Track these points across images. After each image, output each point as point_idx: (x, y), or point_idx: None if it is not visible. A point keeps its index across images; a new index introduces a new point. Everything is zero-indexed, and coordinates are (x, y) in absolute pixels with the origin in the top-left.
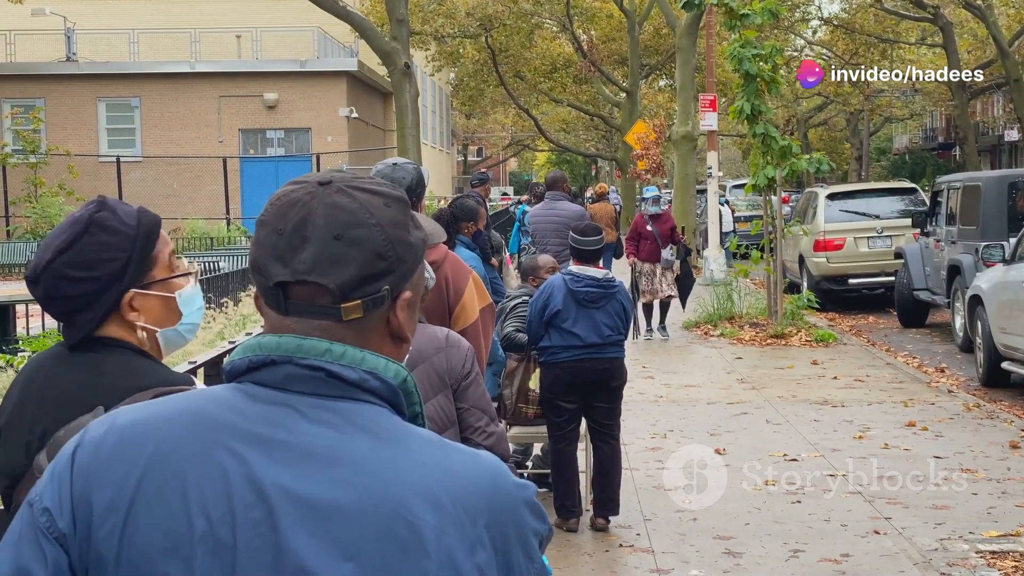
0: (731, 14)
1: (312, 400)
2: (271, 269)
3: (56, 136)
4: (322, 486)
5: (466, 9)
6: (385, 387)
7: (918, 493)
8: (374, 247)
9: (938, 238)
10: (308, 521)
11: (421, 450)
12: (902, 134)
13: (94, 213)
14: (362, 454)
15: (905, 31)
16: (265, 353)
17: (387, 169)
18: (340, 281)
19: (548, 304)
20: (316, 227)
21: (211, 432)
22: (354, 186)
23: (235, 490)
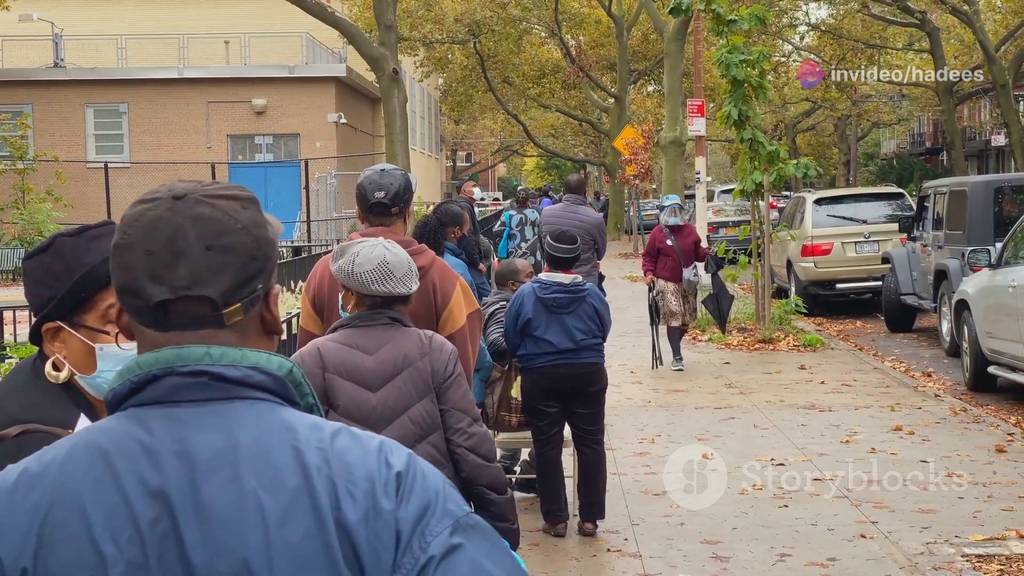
0: (719, 20)
1: (198, 408)
2: (148, 290)
3: (44, 142)
4: (215, 488)
5: (454, 15)
6: (271, 380)
7: (904, 497)
8: (245, 250)
9: (925, 243)
10: (207, 524)
11: (311, 435)
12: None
13: (66, 235)
14: (249, 448)
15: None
16: (145, 371)
17: (375, 175)
18: (221, 289)
19: (520, 313)
20: (187, 241)
21: (106, 461)
22: (210, 194)
23: (137, 509)
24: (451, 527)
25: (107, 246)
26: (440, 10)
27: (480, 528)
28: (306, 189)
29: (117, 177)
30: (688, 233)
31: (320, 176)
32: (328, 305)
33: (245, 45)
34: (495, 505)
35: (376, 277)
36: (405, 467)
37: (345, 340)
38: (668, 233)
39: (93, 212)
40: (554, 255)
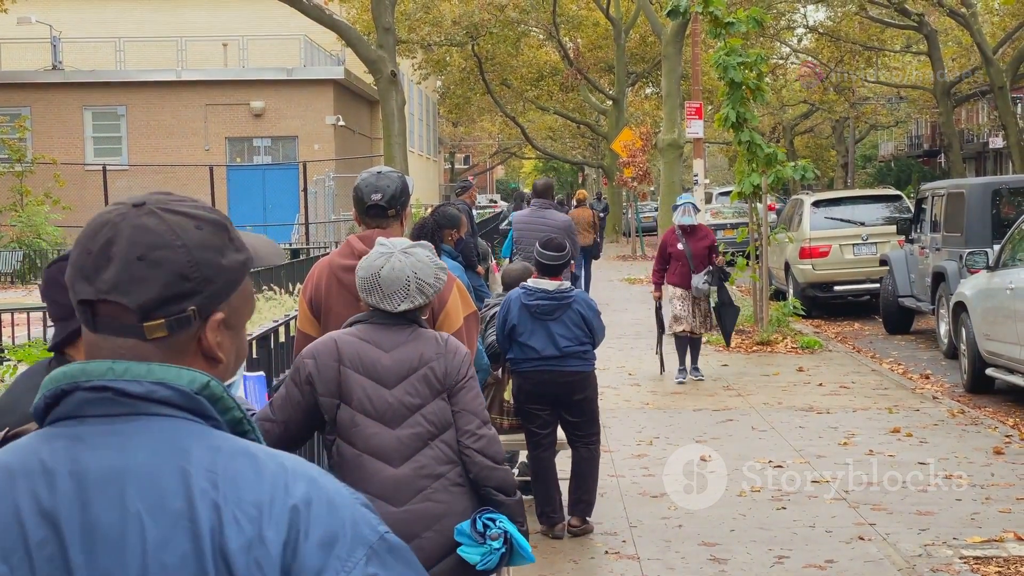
0: (716, 22)
1: (100, 425)
2: (77, 287)
3: (42, 145)
4: (102, 509)
5: (452, 17)
6: (178, 395)
7: (902, 499)
8: (177, 268)
9: (923, 245)
10: (93, 545)
11: (207, 456)
12: (888, 141)
13: None
14: (140, 469)
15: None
16: (55, 385)
17: (372, 178)
18: (140, 301)
19: (507, 318)
20: (120, 247)
21: (9, 480)
22: (167, 208)
23: (29, 530)
24: (365, 557)
25: None
26: (438, 12)
27: (396, 551)
28: (304, 191)
29: (115, 179)
30: (703, 236)
31: (318, 178)
32: (325, 307)
33: (243, 48)
34: (504, 507)
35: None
36: (304, 497)
37: (362, 335)
38: (680, 235)
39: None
40: (541, 262)
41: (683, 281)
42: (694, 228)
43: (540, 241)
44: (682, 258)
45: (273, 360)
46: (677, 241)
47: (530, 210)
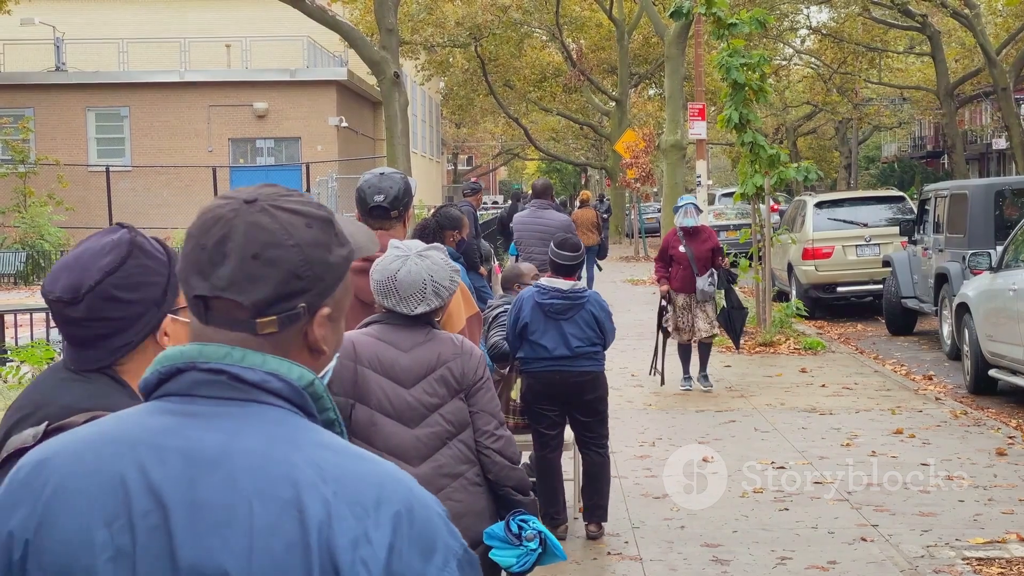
0: (719, 23)
1: (212, 405)
2: (192, 281)
3: (45, 146)
4: (211, 488)
5: (456, 18)
6: (288, 388)
7: (905, 500)
8: (290, 267)
9: (926, 246)
10: (198, 523)
11: (316, 451)
12: (891, 142)
13: (133, 237)
14: (252, 454)
15: (893, 40)
16: (171, 363)
17: (374, 179)
18: (255, 299)
19: (519, 316)
20: (235, 245)
21: (116, 448)
22: (278, 205)
23: (133, 499)
24: (458, 568)
25: (151, 237)
26: (441, 14)
27: (474, 564)
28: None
29: (118, 180)
30: (705, 238)
31: (321, 179)
32: None
33: (246, 49)
34: (521, 506)
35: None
36: (406, 503)
37: (380, 336)
38: (682, 237)
39: (95, 216)
40: (556, 261)
41: (685, 285)
42: (696, 230)
43: (555, 241)
44: (684, 261)
45: None
46: (679, 243)
47: (529, 211)
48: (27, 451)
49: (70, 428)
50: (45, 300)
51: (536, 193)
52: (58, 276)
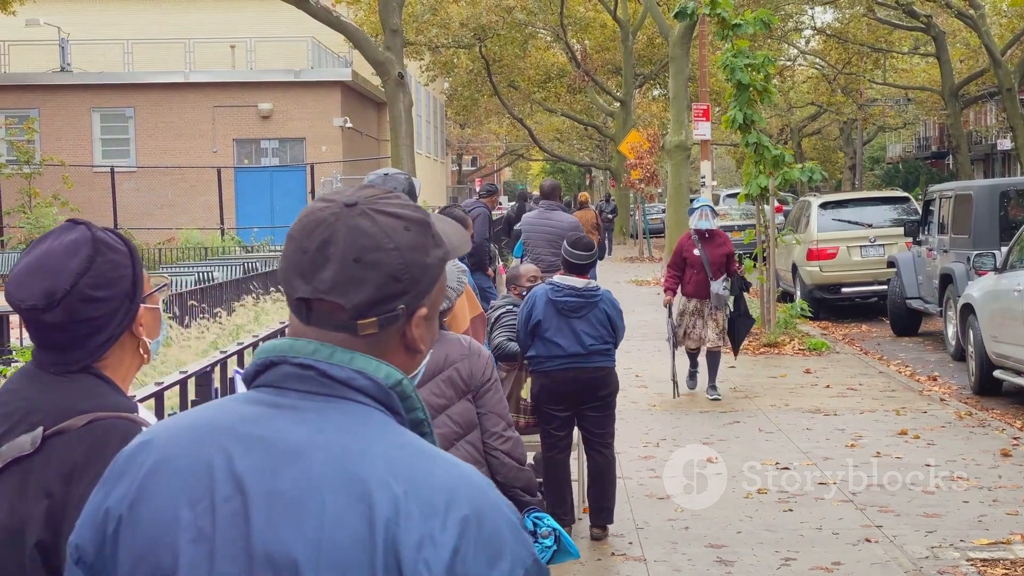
0: (724, 24)
1: (300, 399)
2: (294, 283)
3: (50, 146)
4: (289, 478)
5: (460, 19)
6: (374, 386)
7: (909, 501)
8: (390, 271)
9: (930, 247)
10: (274, 511)
11: (392, 449)
12: (895, 143)
13: (95, 233)
14: (331, 448)
15: (898, 41)
16: (265, 356)
17: (378, 179)
18: (356, 302)
19: (531, 314)
20: (337, 249)
21: (208, 435)
22: (377, 209)
23: (217, 484)
24: None
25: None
26: (446, 14)
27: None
28: (312, 193)
29: (123, 181)
30: (720, 243)
31: (326, 180)
32: None
33: (251, 50)
34: (529, 507)
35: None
36: (476, 508)
37: None
38: (697, 240)
39: (100, 216)
40: (569, 260)
41: (699, 291)
42: (712, 233)
43: (568, 239)
44: (698, 265)
45: None
46: (693, 247)
47: (537, 211)
48: (26, 459)
49: (70, 431)
50: (16, 309)
51: (544, 194)
52: (26, 283)
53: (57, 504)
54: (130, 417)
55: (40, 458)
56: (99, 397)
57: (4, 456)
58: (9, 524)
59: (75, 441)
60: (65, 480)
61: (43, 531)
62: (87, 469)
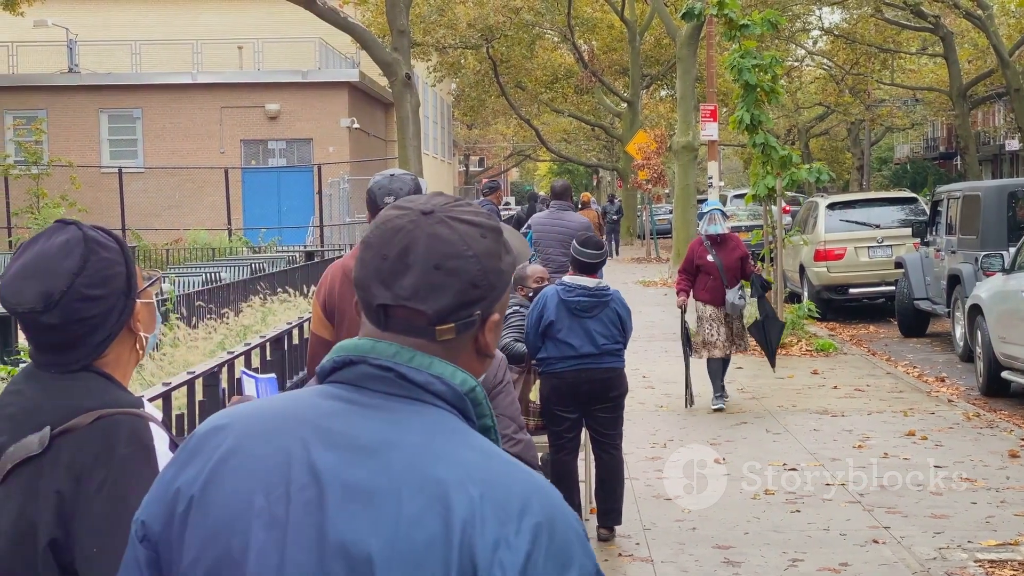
0: (731, 25)
1: (379, 399)
2: (374, 290)
3: (58, 147)
4: (366, 473)
5: (467, 20)
6: (451, 392)
7: (917, 502)
8: (470, 277)
9: (938, 248)
10: (350, 503)
11: (467, 452)
12: (903, 144)
13: (86, 232)
14: (409, 448)
15: (906, 41)
16: (345, 354)
17: (384, 180)
18: (437, 308)
19: (543, 315)
20: (418, 256)
21: (285, 424)
22: (454, 216)
23: (293, 473)
24: None
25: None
26: (453, 15)
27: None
28: (319, 194)
29: (131, 182)
30: (734, 247)
31: (333, 181)
32: (339, 310)
33: (258, 51)
34: None
35: None
36: (549, 515)
37: None
38: (709, 246)
39: (107, 217)
40: (579, 260)
41: (715, 297)
42: (724, 237)
43: (578, 239)
44: (713, 271)
45: (287, 362)
46: (706, 252)
47: (548, 212)
48: (34, 459)
49: (77, 429)
50: (12, 313)
51: (555, 194)
52: (20, 287)
53: (67, 502)
54: (136, 412)
55: (49, 458)
56: (103, 394)
57: (13, 457)
58: (20, 524)
59: (83, 439)
60: (75, 478)
61: (55, 529)
62: (96, 466)
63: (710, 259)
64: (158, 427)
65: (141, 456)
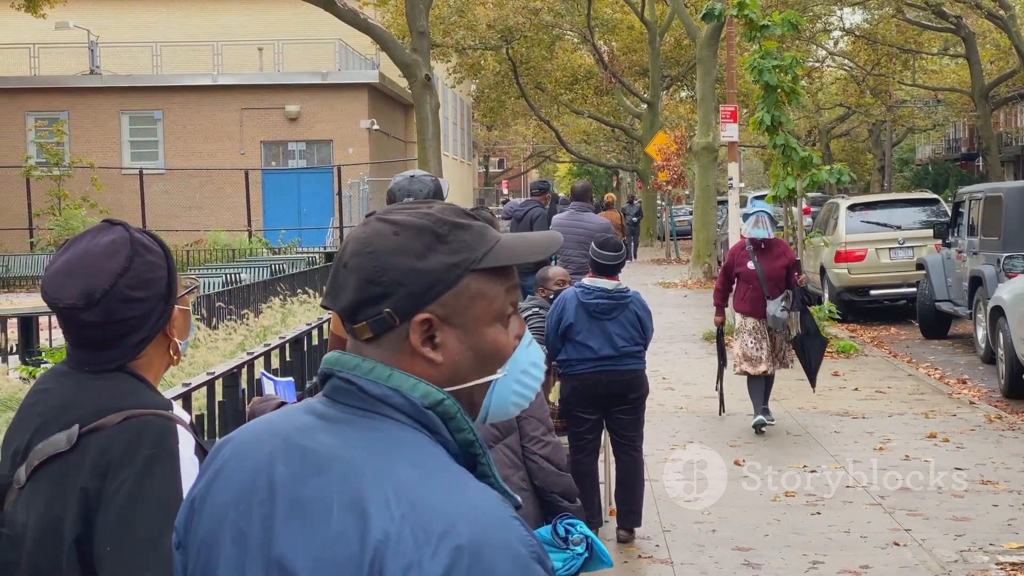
0: (751, 25)
1: (343, 412)
2: (327, 302)
3: (79, 148)
4: (311, 489)
5: (487, 21)
6: (409, 404)
7: (938, 504)
8: (365, 273)
9: (960, 249)
10: (292, 519)
11: (405, 469)
12: (925, 144)
13: (133, 234)
14: (351, 463)
15: (928, 41)
16: (323, 367)
17: (404, 181)
18: (342, 305)
19: (562, 317)
20: (341, 257)
21: (265, 439)
22: (382, 217)
23: (258, 487)
24: None
25: (140, 229)
26: (473, 16)
27: None
28: (339, 195)
29: (152, 183)
30: (779, 253)
31: (353, 182)
32: None
33: (279, 52)
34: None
35: None
36: (474, 540)
37: None
38: (751, 251)
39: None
40: (598, 261)
41: (755, 308)
42: (768, 243)
43: (596, 241)
44: (753, 280)
45: (307, 363)
46: (747, 259)
47: (568, 213)
48: (62, 456)
49: (105, 428)
50: (53, 308)
51: (575, 195)
52: (63, 283)
53: (92, 500)
54: (165, 414)
55: (76, 455)
56: (133, 395)
57: (41, 454)
58: (46, 520)
59: (110, 438)
60: (100, 476)
61: (80, 527)
62: (122, 465)
63: (751, 266)
64: (185, 430)
65: (165, 458)
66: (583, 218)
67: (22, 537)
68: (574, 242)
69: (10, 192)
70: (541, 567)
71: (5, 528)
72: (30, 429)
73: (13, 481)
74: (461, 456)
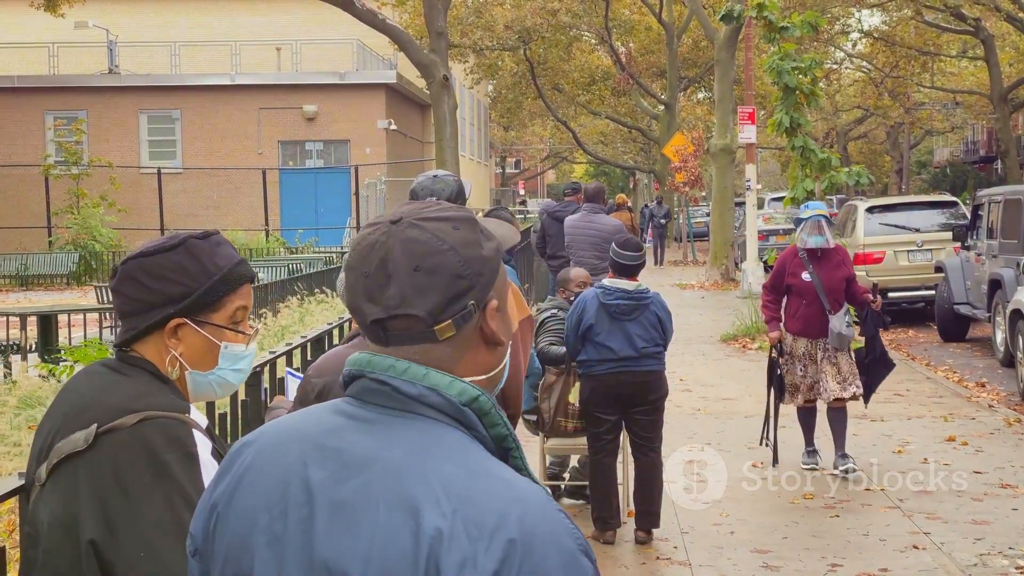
0: (770, 27)
1: (376, 412)
2: (364, 309)
3: (98, 148)
4: (351, 490)
5: (505, 22)
6: (447, 403)
7: (957, 508)
8: (452, 270)
9: (979, 252)
10: (334, 521)
11: (450, 467)
12: (943, 147)
13: (195, 237)
14: (391, 463)
15: (946, 44)
16: (351, 368)
17: (427, 181)
18: (429, 308)
19: (582, 318)
20: (396, 264)
21: (292, 441)
22: (423, 217)
23: (292, 490)
24: None
25: (230, 252)
26: (490, 17)
27: None
28: (356, 195)
29: (170, 183)
30: (839, 262)
31: (370, 182)
32: None
33: (296, 52)
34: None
35: None
36: (526, 532)
37: None
38: (806, 260)
39: (146, 217)
40: (619, 262)
41: (808, 327)
42: (825, 251)
43: (617, 241)
44: (809, 294)
45: None
46: (802, 269)
47: (580, 215)
48: (79, 455)
49: (121, 429)
50: None
51: (588, 197)
52: None
53: (106, 501)
54: (179, 417)
55: (92, 455)
56: (152, 396)
57: (60, 452)
58: (63, 518)
59: (124, 440)
60: (113, 477)
61: (95, 527)
62: (132, 467)
63: (806, 277)
64: (201, 434)
65: (185, 462)
66: (595, 219)
67: (42, 535)
68: (587, 243)
69: (29, 191)
70: (587, 559)
71: (27, 526)
72: (54, 428)
73: (35, 479)
74: (495, 451)
